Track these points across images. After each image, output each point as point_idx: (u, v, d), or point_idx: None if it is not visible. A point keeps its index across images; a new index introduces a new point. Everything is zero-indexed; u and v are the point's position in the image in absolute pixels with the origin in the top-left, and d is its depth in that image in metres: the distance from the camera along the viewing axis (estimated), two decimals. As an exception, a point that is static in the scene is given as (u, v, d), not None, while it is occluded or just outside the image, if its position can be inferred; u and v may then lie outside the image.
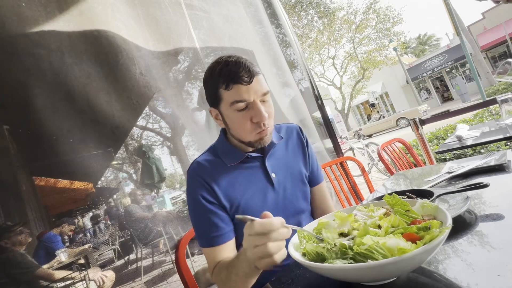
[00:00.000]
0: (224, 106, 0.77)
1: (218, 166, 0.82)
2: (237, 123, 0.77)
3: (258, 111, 0.73)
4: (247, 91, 0.72)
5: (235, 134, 0.81)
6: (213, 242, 0.76)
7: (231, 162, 0.82)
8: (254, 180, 0.82)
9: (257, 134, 0.77)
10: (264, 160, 0.84)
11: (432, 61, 19.73)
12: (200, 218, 0.79)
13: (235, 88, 0.72)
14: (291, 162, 0.90)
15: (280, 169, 0.86)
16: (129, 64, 1.84)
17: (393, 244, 0.44)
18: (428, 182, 1.00)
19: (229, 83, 0.72)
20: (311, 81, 2.67)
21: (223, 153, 0.84)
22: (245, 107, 0.74)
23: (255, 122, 0.75)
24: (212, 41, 2.34)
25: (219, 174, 0.80)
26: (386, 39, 17.13)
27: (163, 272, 1.98)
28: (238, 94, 0.72)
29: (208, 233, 0.77)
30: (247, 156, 0.82)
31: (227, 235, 0.77)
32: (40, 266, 1.57)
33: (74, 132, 1.66)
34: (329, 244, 0.53)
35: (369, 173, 5.09)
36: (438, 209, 0.53)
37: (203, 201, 0.78)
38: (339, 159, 1.83)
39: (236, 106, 0.73)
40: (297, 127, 0.98)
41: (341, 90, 19.02)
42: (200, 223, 0.79)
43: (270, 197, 0.83)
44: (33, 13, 1.59)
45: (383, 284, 0.48)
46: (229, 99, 0.74)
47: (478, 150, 2.97)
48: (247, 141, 0.79)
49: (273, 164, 0.85)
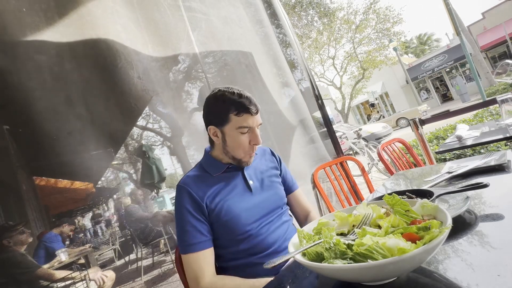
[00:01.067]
0: (229, 128, 0.94)
1: (204, 178, 0.98)
2: (238, 143, 0.95)
3: (256, 136, 0.95)
4: (252, 120, 0.93)
5: (230, 151, 0.97)
6: (195, 248, 0.88)
7: (216, 172, 0.99)
8: (235, 187, 0.99)
9: (248, 154, 0.97)
10: (243, 170, 1.02)
11: (432, 61, 19.73)
12: (184, 225, 0.91)
13: (244, 117, 0.92)
14: (265, 171, 1.09)
15: (256, 176, 1.05)
16: (128, 68, 1.85)
17: (393, 244, 0.44)
18: (428, 182, 1.00)
19: (241, 111, 0.92)
20: (311, 81, 2.67)
21: (209, 166, 1.01)
22: (247, 132, 0.94)
23: (251, 144, 0.96)
24: (211, 43, 2.34)
25: (206, 184, 0.96)
26: (386, 39, 17.12)
27: (163, 272, 1.98)
28: (246, 121, 0.92)
29: (191, 239, 0.89)
30: (228, 166, 1.00)
31: (208, 242, 0.90)
32: (40, 266, 1.57)
33: (73, 135, 1.69)
34: (327, 243, 0.53)
35: (369, 173, 5.09)
36: (438, 209, 0.53)
37: (189, 211, 0.91)
38: (339, 159, 1.83)
39: (242, 130, 0.93)
40: (268, 149, 1.20)
41: (341, 90, 19.01)
42: (184, 230, 0.91)
43: (249, 199, 0.98)
44: (33, 19, 1.62)
45: (383, 284, 0.48)
46: (237, 124, 0.93)
47: (478, 150, 2.97)
48: (239, 158, 0.97)
49: (250, 173, 1.04)
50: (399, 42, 17.53)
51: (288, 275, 0.67)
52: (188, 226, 0.90)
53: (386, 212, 0.61)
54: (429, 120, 2.56)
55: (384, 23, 16.82)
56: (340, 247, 0.50)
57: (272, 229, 0.97)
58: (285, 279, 0.66)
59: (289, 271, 0.70)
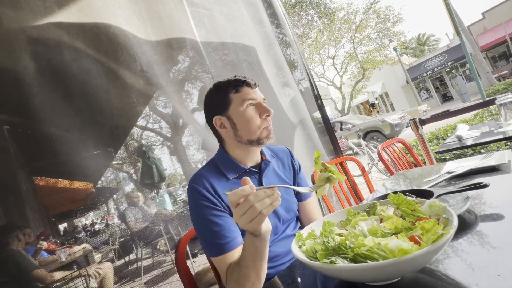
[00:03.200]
0: (233, 108, 0.87)
1: (219, 179, 0.87)
2: (246, 119, 0.86)
3: (264, 108, 0.88)
4: (254, 92, 0.88)
5: (244, 135, 0.87)
6: (227, 248, 0.78)
7: (232, 175, 0.88)
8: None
9: (264, 129, 0.87)
10: (261, 177, 0.92)
11: (432, 61, 19.73)
12: (206, 229, 0.81)
13: (244, 90, 0.87)
14: (283, 179, 0.99)
15: (273, 183, 0.94)
16: (130, 61, 1.81)
17: (395, 245, 0.43)
18: (428, 182, 1.00)
19: (239, 87, 0.87)
20: (311, 81, 2.67)
21: (224, 166, 0.90)
22: (253, 106, 0.87)
23: (263, 118, 0.87)
24: (213, 38, 2.33)
25: (220, 186, 0.85)
26: (386, 39, 17.12)
27: (163, 272, 1.98)
28: (248, 94, 0.87)
29: (219, 240, 0.79)
30: (247, 169, 0.90)
31: (234, 241, 0.80)
32: (40, 266, 1.57)
33: (72, 131, 1.65)
34: (325, 237, 0.52)
35: (369, 173, 5.09)
36: (446, 209, 0.53)
37: (209, 210, 0.81)
38: (339, 159, 1.83)
39: (246, 104, 0.86)
40: (287, 150, 1.09)
41: (341, 90, 19.01)
42: (207, 234, 0.81)
43: None
44: (31, 9, 1.55)
45: (387, 284, 0.48)
46: (239, 100, 0.87)
47: (478, 150, 2.96)
48: (256, 138, 0.87)
49: (268, 181, 0.94)
50: (399, 42, 17.53)
51: (288, 275, 0.67)
52: (214, 227, 0.80)
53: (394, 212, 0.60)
54: (429, 120, 2.56)
55: (384, 23, 16.82)
56: (342, 245, 0.49)
57: (278, 240, 0.90)
58: (285, 279, 0.66)
59: (289, 271, 0.69)
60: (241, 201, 0.58)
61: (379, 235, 0.51)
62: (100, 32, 1.73)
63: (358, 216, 0.61)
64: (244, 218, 0.58)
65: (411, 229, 0.51)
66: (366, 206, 0.66)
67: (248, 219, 0.58)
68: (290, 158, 1.06)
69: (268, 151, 1.01)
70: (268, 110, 0.87)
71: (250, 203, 0.57)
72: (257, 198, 0.58)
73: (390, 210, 0.60)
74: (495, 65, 18.14)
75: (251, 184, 0.59)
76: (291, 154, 1.08)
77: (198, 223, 0.82)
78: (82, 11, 1.70)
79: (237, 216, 0.59)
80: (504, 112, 1.48)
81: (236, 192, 0.58)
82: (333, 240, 0.51)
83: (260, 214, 0.57)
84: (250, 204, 0.57)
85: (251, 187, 0.58)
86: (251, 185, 0.59)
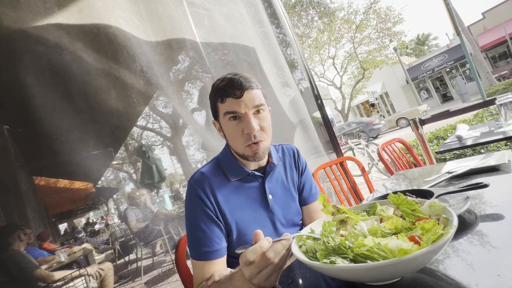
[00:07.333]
0: (220, 118, 0.83)
1: (220, 180, 0.84)
2: (230, 133, 0.82)
3: (247, 123, 0.78)
4: (237, 104, 0.78)
5: (231, 146, 0.85)
6: (205, 257, 0.77)
7: (234, 178, 0.85)
8: (250, 201, 0.86)
9: (247, 147, 0.80)
10: (264, 181, 0.87)
11: (432, 61, 19.72)
12: (195, 230, 0.80)
13: (228, 101, 0.79)
14: (288, 183, 0.94)
15: (277, 190, 0.90)
16: (130, 62, 1.82)
17: (395, 245, 0.43)
18: (428, 182, 1.00)
19: (223, 97, 0.79)
20: (311, 81, 2.67)
21: (227, 167, 0.87)
22: (236, 118, 0.80)
23: (245, 133, 0.79)
24: (213, 39, 2.33)
25: (220, 189, 0.83)
26: (387, 39, 17.12)
27: (163, 272, 1.98)
28: (230, 106, 0.79)
29: (201, 247, 0.78)
30: (250, 173, 0.85)
31: (219, 252, 0.79)
32: (40, 266, 1.57)
33: (73, 131, 1.65)
34: (325, 237, 0.52)
35: (369, 173, 5.09)
36: (446, 209, 0.53)
37: (201, 215, 0.80)
38: (339, 159, 1.83)
39: (228, 116, 0.80)
40: (294, 149, 1.03)
41: (341, 90, 19.01)
42: (194, 235, 0.80)
43: (263, 216, 0.86)
44: (31, 9, 1.56)
45: (387, 284, 0.48)
46: (222, 111, 0.81)
47: (478, 150, 2.96)
48: (241, 153, 0.82)
49: (271, 186, 0.89)
50: (399, 42, 17.52)
51: (288, 275, 0.67)
52: (198, 232, 0.79)
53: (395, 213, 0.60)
54: (429, 120, 2.56)
55: (384, 23, 16.82)
56: (342, 245, 0.49)
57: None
58: (285, 279, 0.66)
59: (289, 271, 0.69)
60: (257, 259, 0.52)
61: (379, 235, 0.51)
62: (100, 33, 1.74)
63: (358, 216, 0.61)
64: (261, 276, 0.52)
65: (411, 229, 0.51)
66: (366, 206, 0.66)
67: (267, 276, 0.52)
68: (295, 157, 1.01)
69: (276, 152, 0.96)
70: (249, 127, 0.77)
71: (269, 260, 0.51)
72: (276, 253, 0.52)
73: (390, 210, 0.60)
74: (495, 65, 18.13)
75: (267, 238, 0.53)
76: (296, 154, 1.02)
77: (189, 221, 0.82)
78: (82, 11, 1.70)
79: (252, 274, 0.52)
80: (504, 112, 1.48)
81: (255, 250, 0.51)
82: (333, 240, 0.51)
83: (280, 269, 0.53)
84: (270, 261, 0.51)
85: (268, 240, 0.53)
86: (268, 239, 0.53)
